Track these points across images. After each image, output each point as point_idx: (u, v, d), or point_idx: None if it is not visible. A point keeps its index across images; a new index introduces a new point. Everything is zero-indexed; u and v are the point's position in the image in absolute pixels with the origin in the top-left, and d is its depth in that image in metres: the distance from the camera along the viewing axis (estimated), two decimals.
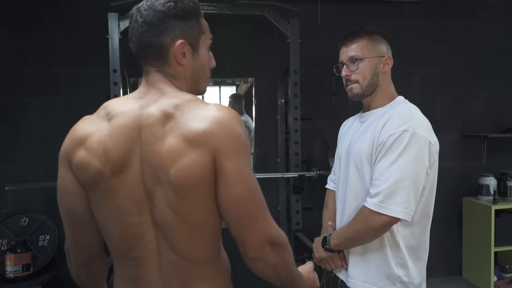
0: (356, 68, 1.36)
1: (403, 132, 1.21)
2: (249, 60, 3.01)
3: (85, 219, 0.91)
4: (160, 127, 0.83)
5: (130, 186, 0.85)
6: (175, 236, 0.86)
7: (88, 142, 0.87)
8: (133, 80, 2.79)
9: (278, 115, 2.89)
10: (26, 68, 2.71)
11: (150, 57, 0.91)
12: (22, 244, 2.31)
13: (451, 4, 3.24)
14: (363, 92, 1.38)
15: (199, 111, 0.84)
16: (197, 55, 0.94)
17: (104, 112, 0.89)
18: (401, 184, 1.19)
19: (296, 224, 2.55)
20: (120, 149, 0.84)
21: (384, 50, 1.38)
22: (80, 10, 2.74)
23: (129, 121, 0.86)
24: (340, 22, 3.07)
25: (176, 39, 0.89)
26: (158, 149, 0.82)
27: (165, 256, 0.88)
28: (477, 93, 3.32)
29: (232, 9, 2.49)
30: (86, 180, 0.87)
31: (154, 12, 0.88)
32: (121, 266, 0.93)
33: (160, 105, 0.86)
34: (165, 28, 0.89)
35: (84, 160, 0.86)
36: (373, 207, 1.21)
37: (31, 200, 2.65)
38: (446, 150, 3.28)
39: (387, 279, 1.29)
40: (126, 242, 0.88)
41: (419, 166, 1.21)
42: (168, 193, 0.83)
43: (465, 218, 3.27)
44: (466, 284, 3.20)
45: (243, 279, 1.10)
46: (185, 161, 0.81)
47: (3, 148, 2.69)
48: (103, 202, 0.88)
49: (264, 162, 3.00)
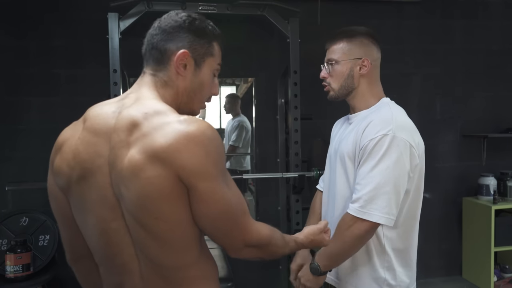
0: (331, 70, 1.38)
1: (383, 136, 1.20)
2: (249, 60, 3.00)
3: (70, 221, 0.92)
4: (126, 134, 0.81)
5: (100, 191, 0.83)
6: (144, 243, 0.84)
7: (63, 147, 0.88)
8: (133, 80, 2.77)
9: (278, 115, 2.89)
10: (26, 68, 2.71)
11: (152, 59, 0.92)
12: (22, 244, 2.31)
13: (451, 4, 3.24)
14: (336, 95, 1.39)
15: (167, 123, 0.79)
16: (199, 71, 0.93)
17: (83, 116, 0.90)
18: (382, 189, 1.18)
19: (296, 224, 2.55)
20: (89, 152, 0.84)
21: (362, 52, 1.36)
22: (80, 10, 2.74)
23: (101, 123, 0.85)
24: (340, 22, 3.06)
25: (181, 48, 0.90)
26: (121, 156, 0.80)
27: (143, 262, 0.86)
28: (477, 93, 3.32)
29: (232, 9, 2.49)
30: (62, 185, 0.88)
31: (171, 21, 0.91)
32: (105, 272, 0.93)
33: (131, 111, 0.83)
34: (174, 36, 0.90)
35: (58, 165, 0.88)
36: (354, 213, 1.21)
37: (31, 200, 2.65)
38: (446, 150, 3.28)
39: (374, 282, 1.29)
40: (105, 248, 0.87)
41: (399, 170, 1.21)
42: (128, 201, 0.81)
43: (465, 218, 3.27)
44: (466, 284, 3.20)
45: (243, 279, 1.09)
46: (145, 174, 0.77)
47: (3, 148, 2.69)
48: (79, 207, 0.88)
49: (264, 162, 3.00)
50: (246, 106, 3.04)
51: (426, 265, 3.26)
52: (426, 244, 3.23)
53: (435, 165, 3.23)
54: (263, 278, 2.93)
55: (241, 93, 3.12)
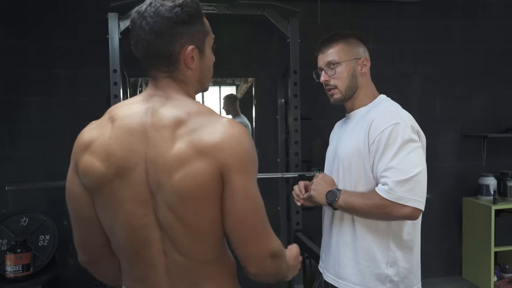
0: (333, 72, 1.38)
1: (395, 125, 1.21)
2: (249, 60, 3.01)
3: (90, 221, 0.93)
4: (170, 131, 0.83)
5: (134, 187, 0.85)
6: (177, 238, 0.86)
7: (92, 146, 0.88)
8: (133, 80, 2.79)
9: (278, 115, 2.89)
10: (26, 68, 2.71)
11: (159, 64, 0.90)
12: (22, 244, 2.31)
13: (451, 4, 3.24)
14: (343, 96, 1.39)
15: (212, 123, 0.84)
16: (204, 56, 0.94)
17: (109, 116, 0.90)
18: (412, 175, 1.17)
19: (296, 224, 2.55)
20: (125, 151, 0.85)
21: (361, 52, 1.39)
22: (80, 10, 2.74)
23: (134, 123, 0.86)
24: (340, 22, 3.07)
25: (185, 45, 0.89)
26: (165, 152, 0.82)
27: (170, 256, 0.89)
28: (477, 93, 3.32)
29: (232, 9, 2.49)
30: (91, 184, 0.88)
31: (162, 19, 0.86)
32: (128, 266, 0.95)
33: (171, 110, 0.86)
34: (174, 35, 0.87)
35: (88, 164, 0.87)
36: (390, 198, 1.17)
37: (31, 200, 2.65)
38: (446, 150, 3.28)
39: (376, 279, 1.28)
40: (132, 244, 0.89)
41: (421, 154, 1.23)
42: (169, 196, 0.83)
43: (465, 218, 3.27)
44: (466, 284, 3.20)
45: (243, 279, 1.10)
46: (191, 168, 0.81)
47: (3, 148, 2.69)
48: (108, 205, 0.88)
49: (264, 162, 2.98)
50: (246, 106, 3.04)
51: (426, 265, 3.23)
52: (426, 244, 3.20)
53: (435, 165, 3.23)
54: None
55: (241, 93, 3.11)
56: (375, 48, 3.15)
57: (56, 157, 2.61)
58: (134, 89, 2.78)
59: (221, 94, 3.08)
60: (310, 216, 2.53)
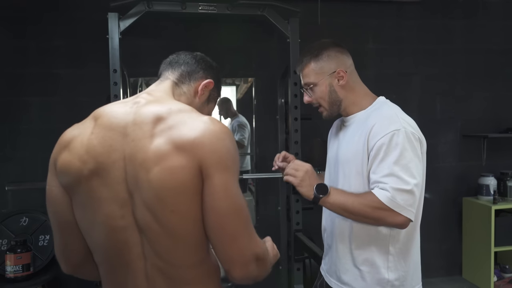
0: (313, 93, 1.37)
1: (396, 131, 1.19)
2: (249, 60, 3.01)
3: (70, 225, 0.91)
4: (150, 126, 0.84)
5: (112, 186, 0.84)
6: (156, 240, 0.84)
7: (71, 144, 0.88)
8: (133, 80, 2.79)
9: (278, 115, 2.89)
10: (26, 68, 2.71)
11: (181, 72, 1.03)
12: (22, 244, 2.31)
13: (451, 4, 3.24)
14: (330, 113, 1.39)
15: (192, 120, 0.85)
16: (206, 105, 1.07)
17: (92, 115, 0.91)
18: (406, 184, 1.16)
19: (296, 224, 2.54)
20: (104, 146, 0.84)
21: (333, 65, 1.34)
22: (80, 10, 2.74)
23: (117, 119, 0.87)
24: (340, 22, 3.07)
25: (209, 77, 1.05)
26: (144, 147, 0.82)
27: (150, 261, 0.86)
28: (477, 93, 3.32)
29: (232, 9, 2.49)
30: (68, 182, 0.87)
31: (205, 61, 1.08)
32: (107, 271, 0.92)
33: (153, 107, 0.88)
34: (205, 69, 1.06)
35: (66, 161, 0.87)
36: (388, 203, 1.16)
37: (31, 200, 2.65)
38: (446, 150, 3.28)
39: (377, 284, 1.27)
40: (110, 247, 0.87)
41: (419, 162, 1.21)
42: (146, 193, 0.82)
43: (465, 218, 3.27)
44: (466, 284, 3.20)
45: None
46: (169, 163, 0.80)
47: (3, 148, 2.69)
48: (85, 205, 0.87)
49: (264, 162, 2.99)
50: (246, 106, 3.04)
51: (426, 265, 3.23)
52: (426, 244, 3.20)
53: (435, 165, 3.23)
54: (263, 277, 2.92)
55: (241, 93, 3.12)
56: (375, 48, 3.15)
57: None
58: (134, 89, 2.78)
59: (221, 94, 3.08)
60: (310, 216, 2.53)
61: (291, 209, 2.60)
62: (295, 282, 2.51)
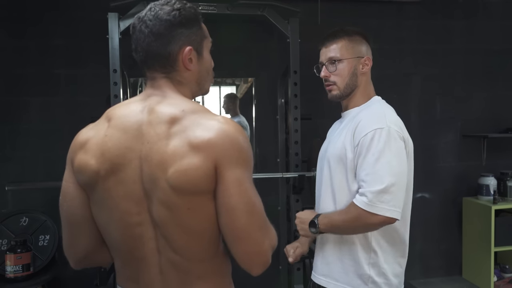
0: (334, 69, 1.37)
1: (379, 129, 1.21)
2: (249, 60, 3.00)
3: (83, 220, 0.94)
4: (165, 128, 0.85)
5: (128, 184, 0.86)
6: (171, 235, 0.87)
7: (87, 145, 0.89)
8: (133, 80, 2.79)
9: (278, 115, 2.89)
10: (26, 68, 2.71)
11: (158, 65, 0.93)
12: (22, 244, 2.31)
13: (451, 4, 3.24)
14: (341, 94, 1.39)
15: (206, 120, 0.86)
16: (202, 59, 0.97)
17: (105, 116, 0.92)
18: (388, 183, 1.17)
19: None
20: (119, 148, 0.86)
21: (364, 50, 1.39)
22: (80, 10, 2.74)
23: (130, 120, 0.88)
24: (340, 22, 3.05)
25: (183, 46, 0.92)
26: (160, 148, 0.84)
27: (164, 255, 0.89)
28: (477, 93, 3.32)
29: (232, 9, 2.49)
30: (85, 181, 0.89)
31: (160, 22, 0.90)
32: (122, 265, 0.95)
33: (166, 108, 0.88)
34: (172, 37, 0.91)
35: (83, 162, 0.89)
36: (363, 206, 1.18)
37: (31, 200, 2.65)
38: (446, 150, 3.28)
39: (359, 278, 1.29)
40: (126, 242, 0.90)
41: (401, 161, 1.21)
42: (164, 192, 0.84)
43: (465, 218, 3.27)
44: (466, 284, 3.20)
45: (243, 279, 1.10)
46: (186, 163, 0.82)
47: (3, 148, 2.69)
48: (102, 202, 0.89)
49: (264, 162, 3.00)
50: (246, 106, 3.04)
51: (426, 265, 3.26)
52: (426, 244, 3.23)
53: (435, 165, 3.23)
54: (263, 277, 2.91)
55: (241, 93, 3.11)
56: (375, 48, 3.10)
57: (56, 157, 2.60)
58: (134, 89, 2.78)
59: (221, 94, 3.08)
60: None
61: (291, 209, 2.60)
62: (295, 282, 2.51)
